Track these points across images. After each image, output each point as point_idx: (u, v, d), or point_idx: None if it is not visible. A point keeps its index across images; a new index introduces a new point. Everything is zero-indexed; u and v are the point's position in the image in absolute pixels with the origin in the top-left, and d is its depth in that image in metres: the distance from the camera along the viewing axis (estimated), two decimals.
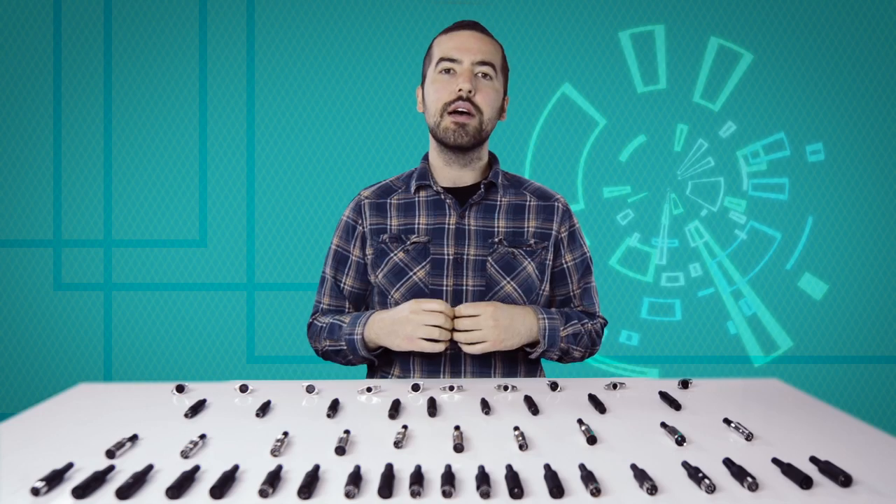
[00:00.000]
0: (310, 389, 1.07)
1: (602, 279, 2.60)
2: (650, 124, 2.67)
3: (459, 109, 1.23)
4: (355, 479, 0.68)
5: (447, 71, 1.25)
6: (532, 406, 0.96)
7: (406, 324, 1.15)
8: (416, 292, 1.27)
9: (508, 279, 1.28)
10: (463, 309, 1.17)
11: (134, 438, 0.82)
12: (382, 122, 2.66)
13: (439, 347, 1.16)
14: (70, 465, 0.72)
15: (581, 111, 2.66)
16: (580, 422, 0.88)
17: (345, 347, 1.27)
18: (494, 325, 1.16)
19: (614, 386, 1.11)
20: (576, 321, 1.28)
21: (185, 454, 0.77)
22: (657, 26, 2.64)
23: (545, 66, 2.67)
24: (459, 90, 1.22)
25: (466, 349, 1.17)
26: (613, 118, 2.67)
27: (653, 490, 0.67)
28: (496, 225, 1.31)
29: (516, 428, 0.85)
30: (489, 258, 1.28)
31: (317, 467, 0.71)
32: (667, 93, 2.66)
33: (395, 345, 1.18)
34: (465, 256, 1.28)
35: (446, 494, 0.66)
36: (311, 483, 0.67)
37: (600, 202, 2.68)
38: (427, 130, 1.33)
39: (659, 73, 2.66)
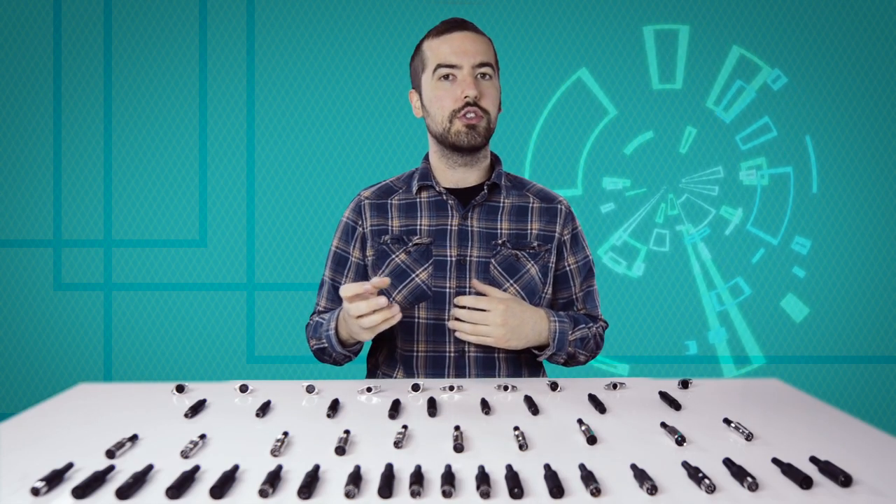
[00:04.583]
0: (310, 389, 1.07)
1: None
2: (660, 122, 2.67)
3: (468, 115, 1.21)
4: (355, 479, 0.68)
5: (447, 77, 1.23)
6: (532, 406, 0.96)
7: (350, 323, 1.09)
8: (419, 294, 1.26)
9: (511, 281, 1.27)
10: (474, 301, 1.16)
11: (134, 438, 0.82)
12: (382, 123, 2.66)
13: (394, 320, 1.06)
14: (70, 465, 0.72)
15: (594, 98, 2.65)
16: (580, 422, 0.88)
17: (326, 345, 1.25)
18: (502, 323, 1.15)
19: (614, 386, 1.11)
20: (583, 325, 1.28)
21: (185, 454, 0.77)
22: (682, 26, 2.63)
23: (565, 47, 2.66)
24: (466, 97, 1.20)
25: (465, 338, 1.16)
26: (624, 110, 2.67)
27: (653, 490, 0.67)
28: (499, 227, 1.30)
29: (516, 428, 0.85)
30: (492, 260, 1.27)
31: (317, 467, 0.71)
32: (681, 93, 2.66)
33: (362, 337, 1.12)
34: (467, 258, 1.27)
35: (446, 494, 0.66)
36: (311, 483, 0.67)
37: (599, 191, 2.68)
38: (425, 132, 1.32)
39: (676, 73, 2.65)
